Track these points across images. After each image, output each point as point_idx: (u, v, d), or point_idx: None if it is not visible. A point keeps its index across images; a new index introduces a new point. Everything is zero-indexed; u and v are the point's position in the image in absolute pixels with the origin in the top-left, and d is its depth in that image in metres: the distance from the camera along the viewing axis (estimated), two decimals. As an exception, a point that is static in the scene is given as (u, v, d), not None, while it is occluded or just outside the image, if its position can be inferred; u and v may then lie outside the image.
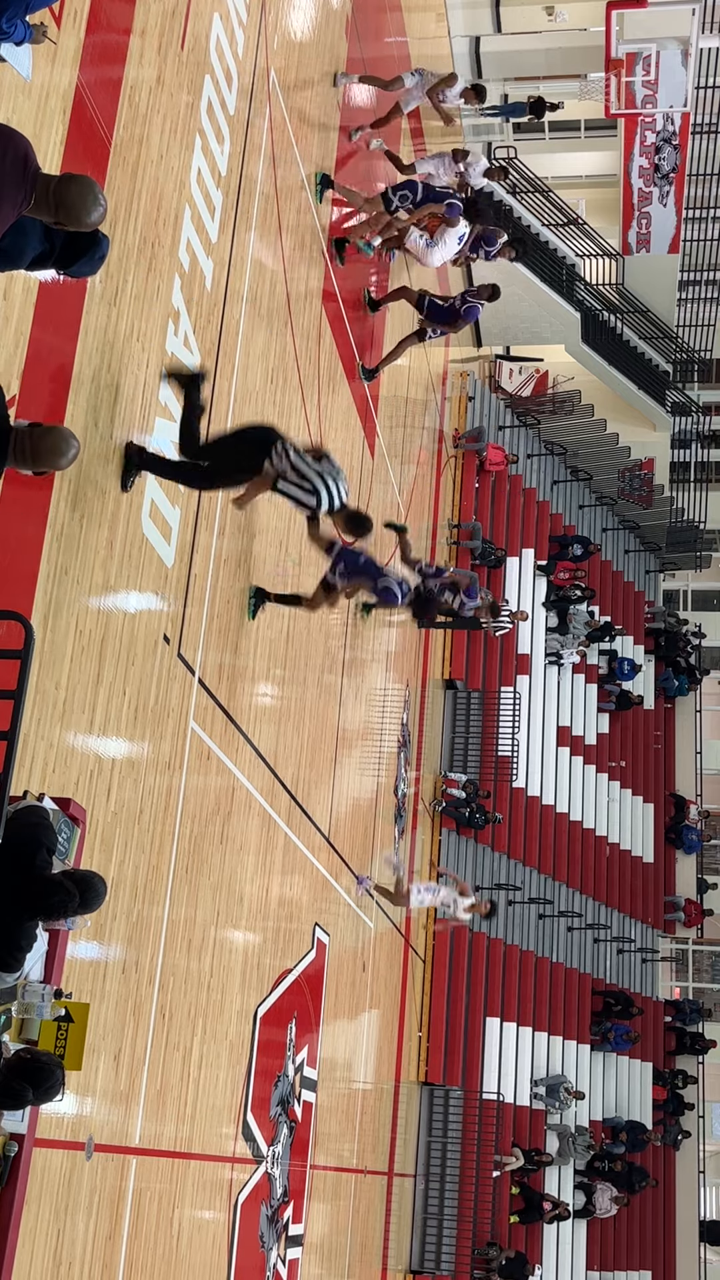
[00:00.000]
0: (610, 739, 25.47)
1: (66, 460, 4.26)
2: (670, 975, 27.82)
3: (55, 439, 4.18)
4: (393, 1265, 16.13)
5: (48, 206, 4.00)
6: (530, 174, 23.41)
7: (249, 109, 9.22)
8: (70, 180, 4.01)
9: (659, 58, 22.63)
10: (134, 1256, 7.01)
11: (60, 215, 4.01)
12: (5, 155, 3.88)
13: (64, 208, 3.98)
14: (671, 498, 27.70)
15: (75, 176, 4.04)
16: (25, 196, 3.94)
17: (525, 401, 25.05)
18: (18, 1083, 4.52)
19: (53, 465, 4.28)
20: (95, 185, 4.04)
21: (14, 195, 3.90)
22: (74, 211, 4.00)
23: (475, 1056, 19.22)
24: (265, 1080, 10.01)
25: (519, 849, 21.62)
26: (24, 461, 4.20)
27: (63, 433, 4.20)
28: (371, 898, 13.75)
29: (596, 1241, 21.62)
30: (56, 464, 4.27)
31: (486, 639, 20.98)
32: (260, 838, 9.71)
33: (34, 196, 3.96)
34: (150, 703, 7.16)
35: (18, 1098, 4.52)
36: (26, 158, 3.95)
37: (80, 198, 3.98)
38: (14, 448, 4.16)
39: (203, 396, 7.32)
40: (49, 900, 4.59)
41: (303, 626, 11.11)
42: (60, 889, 4.64)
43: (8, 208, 3.89)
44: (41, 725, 5.80)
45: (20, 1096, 4.52)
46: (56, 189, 3.98)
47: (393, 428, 16.05)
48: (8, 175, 3.87)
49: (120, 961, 6.84)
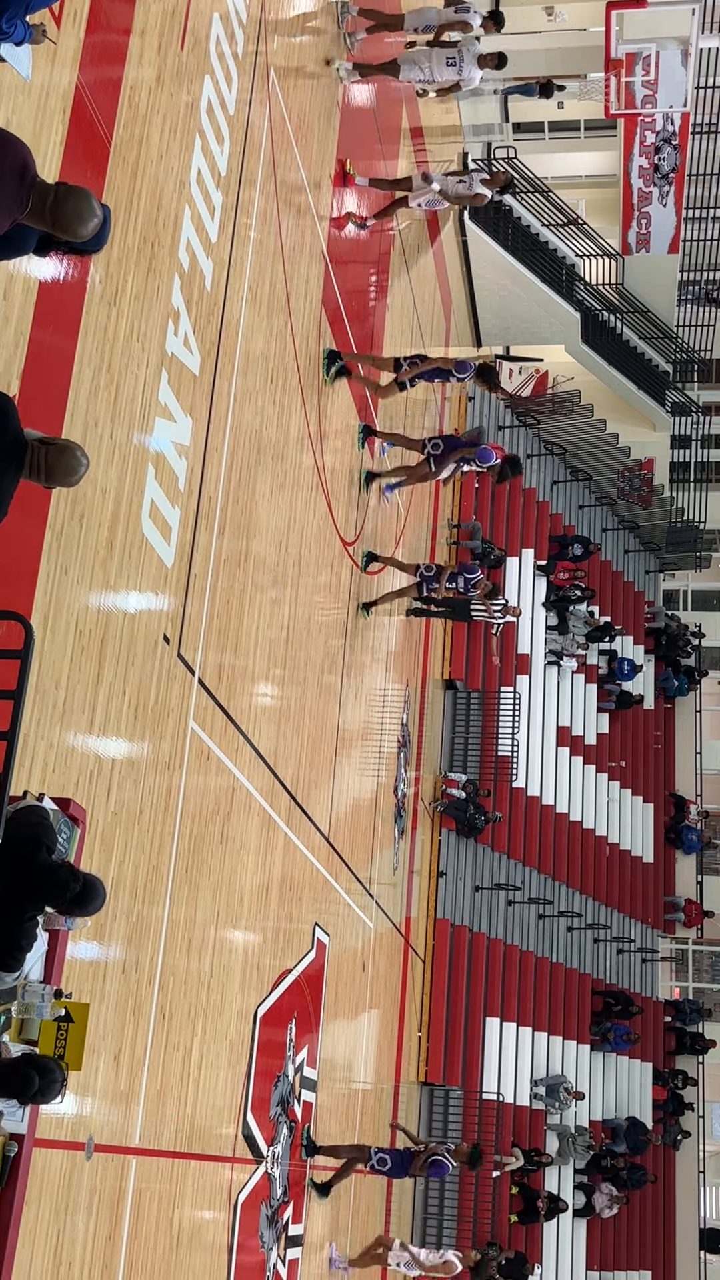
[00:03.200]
0: (610, 739, 25.48)
1: (78, 478, 4.30)
2: (670, 975, 27.83)
3: (69, 460, 4.21)
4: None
5: (43, 217, 4.00)
6: (530, 174, 23.41)
7: (249, 109, 9.22)
8: (67, 195, 4.02)
9: (659, 58, 22.63)
10: (134, 1257, 7.01)
11: (56, 228, 4.03)
12: (4, 163, 3.87)
13: (59, 222, 4.03)
14: (671, 498, 27.71)
15: (72, 190, 4.03)
16: (22, 205, 3.94)
17: (525, 401, 25.05)
18: (26, 1070, 4.53)
19: (65, 484, 4.32)
20: (92, 199, 4.04)
21: (11, 206, 3.90)
22: (70, 225, 4.02)
23: (475, 1056, 19.22)
24: (265, 1080, 10.01)
25: (519, 849, 21.63)
26: (38, 476, 4.22)
27: (75, 454, 4.23)
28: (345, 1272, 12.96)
29: (596, 1241, 21.63)
30: (68, 482, 4.32)
31: (486, 639, 20.98)
32: (260, 838, 9.71)
33: (30, 205, 3.96)
34: (150, 703, 7.16)
35: (26, 1083, 4.52)
36: (25, 166, 3.95)
37: (76, 214, 4.02)
38: (29, 463, 4.17)
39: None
40: (51, 883, 4.60)
41: (303, 626, 11.11)
42: (62, 870, 4.66)
43: (3, 217, 3.89)
44: (41, 725, 5.80)
45: (28, 1083, 4.52)
46: (53, 205, 3.99)
47: (393, 428, 16.04)
48: (6, 184, 3.87)
49: (120, 961, 6.84)
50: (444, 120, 20.93)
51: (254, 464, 9.41)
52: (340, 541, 12.66)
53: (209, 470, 8.27)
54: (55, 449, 4.18)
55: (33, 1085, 4.54)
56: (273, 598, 10.01)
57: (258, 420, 9.50)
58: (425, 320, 18.88)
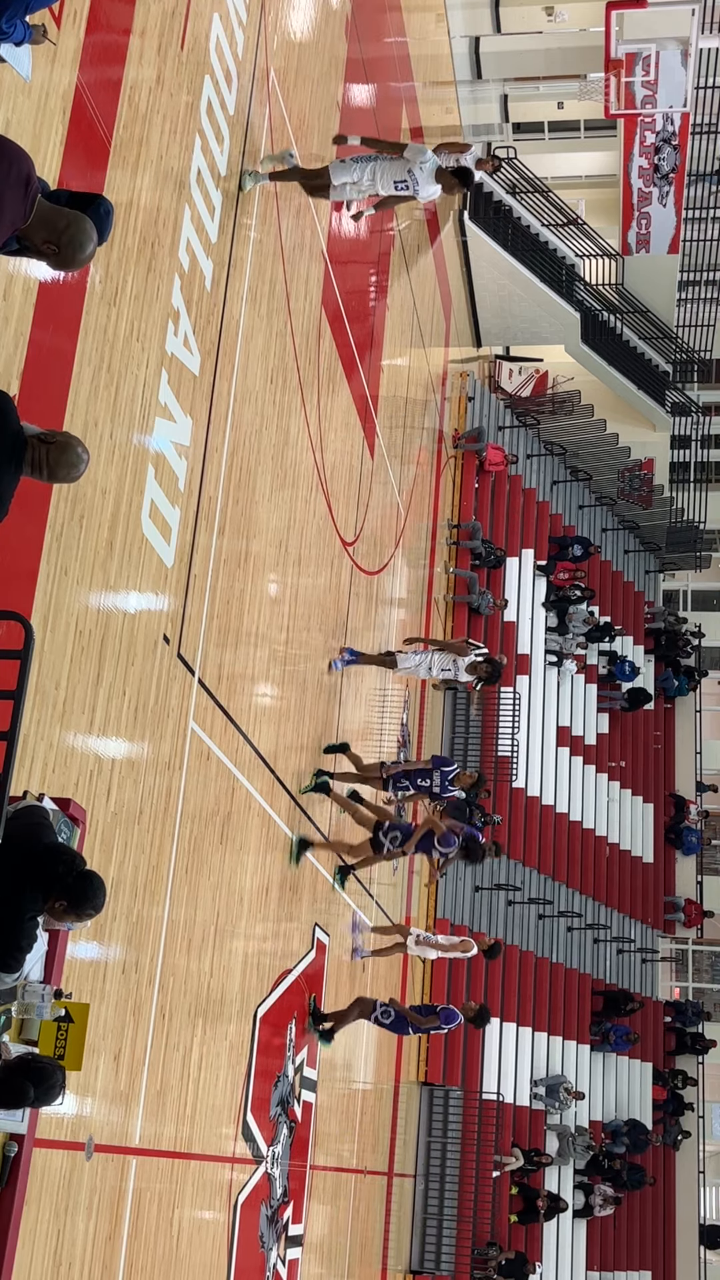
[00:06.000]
0: (610, 739, 25.47)
1: (78, 474, 4.30)
2: (670, 975, 27.82)
3: (70, 456, 4.21)
4: (392, 1265, 16.13)
5: (44, 229, 3.99)
6: (530, 174, 23.42)
7: (249, 109, 9.22)
8: (73, 222, 4.02)
9: (659, 58, 22.63)
10: (134, 1257, 7.01)
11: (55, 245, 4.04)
12: (9, 173, 3.87)
13: (55, 474, 4.20)
14: (671, 498, 27.71)
15: (78, 217, 4.03)
16: (25, 216, 3.94)
17: (525, 402, 25.05)
18: (19, 1080, 4.52)
19: (66, 480, 4.32)
20: (92, 230, 4.05)
21: (14, 216, 3.89)
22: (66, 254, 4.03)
23: (475, 1056, 19.22)
24: (265, 1080, 10.01)
25: (519, 849, 21.62)
26: (39, 474, 4.22)
27: (75, 450, 4.22)
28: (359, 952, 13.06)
29: (596, 1242, 21.62)
30: (69, 478, 4.31)
31: (487, 640, 20.97)
32: (260, 838, 9.71)
33: (32, 218, 3.96)
34: (150, 703, 7.16)
35: (19, 1094, 4.52)
36: (29, 178, 3.94)
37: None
38: (29, 460, 4.17)
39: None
40: (57, 858, 4.61)
41: (303, 626, 11.12)
42: (65, 850, 4.68)
43: (6, 227, 3.89)
44: (41, 725, 5.80)
45: (22, 1093, 4.52)
46: (64, 230, 4.00)
47: (392, 428, 16.05)
48: (10, 194, 3.86)
49: (120, 961, 6.84)
50: (444, 120, 20.95)
51: (254, 464, 9.41)
52: (340, 541, 12.67)
53: (209, 470, 8.27)
54: (56, 446, 4.18)
55: (27, 1098, 4.54)
56: (273, 597, 10.01)
57: (258, 420, 9.50)
58: (425, 320, 18.89)
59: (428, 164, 9.32)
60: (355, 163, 9.44)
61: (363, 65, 13.44)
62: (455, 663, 13.38)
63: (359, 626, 13.71)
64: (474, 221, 21.94)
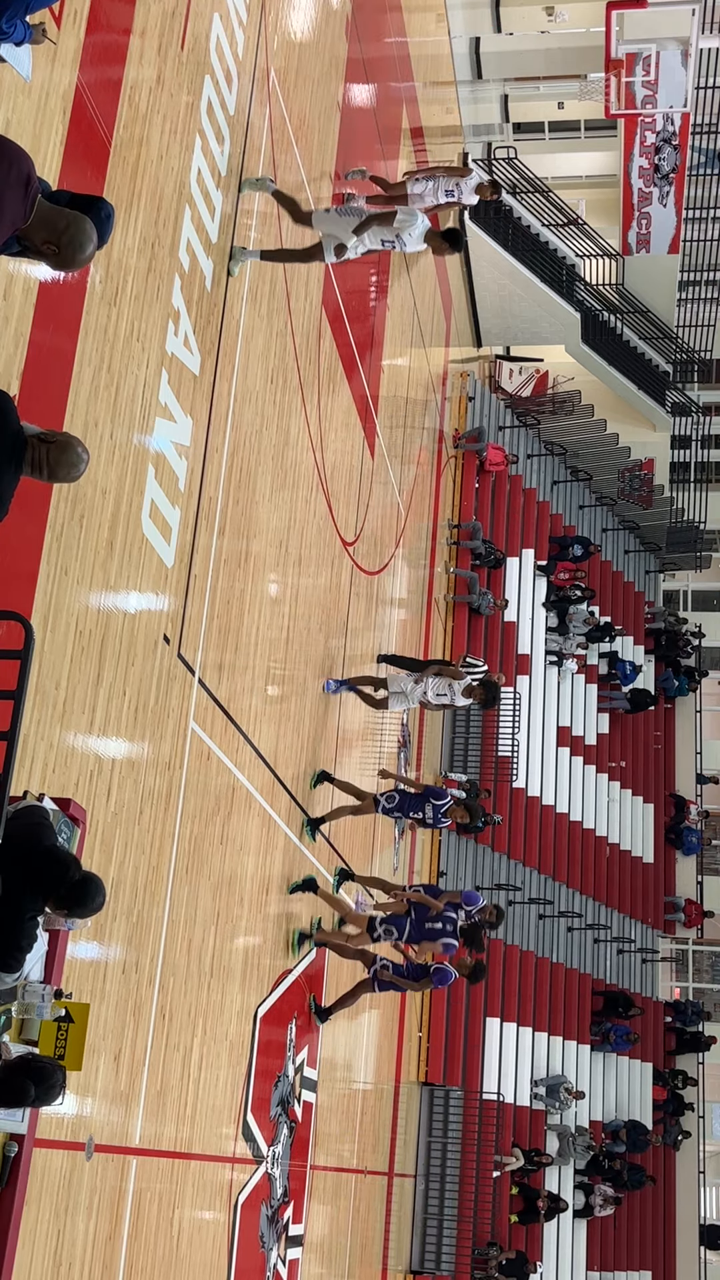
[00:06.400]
0: (610, 739, 25.47)
1: (78, 474, 4.30)
2: (670, 975, 27.83)
3: (70, 456, 4.22)
4: (393, 1265, 16.13)
5: (44, 229, 3.99)
6: (530, 174, 23.42)
7: (249, 109, 9.22)
8: (73, 223, 4.02)
9: (659, 58, 22.62)
10: (134, 1257, 7.01)
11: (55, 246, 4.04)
12: (10, 174, 3.87)
13: (55, 474, 4.21)
14: (671, 498, 27.71)
15: (78, 218, 4.03)
16: (25, 216, 3.94)
17: (525, 402, 25.05)
18: (19, 1080, 4.52)
19: (66, 480, 4.32)
20: (92, 231, 4.05)
21: (15, 216, 3.90)
22: (66, 254, 4.02)
23: (475, 1056, 19.22)
24: (265, 1080, 10.01)
25: (519, 849, 21.62)
26: (39, 474, 4.22)
27: (75, 449, 4.23)
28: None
29: (596, 1242, 21.63)
30: (70, 478, 4.32)
31: (487, 640, 20.98)
32: (260, 838, 9.71)
33: (32, 218, 3.96)
34: (150, 703, 7.16)
35: (20, 1094, 4.52)
36: (29, 179, 3.95)
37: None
38: (30, 460, 4.17)
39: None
40: (54, 862, 4.61)
41: (303, 626, 11.12)
42: (64, 853, 4.68)
43: (7, 228, 3.89)
44: (41, 725, 5.80)
45: (22, 1093, 4.52)
46: (64, 231, 4.00)
47: (393, 428, 16.05)
48: (10, 194, 3.86)
49: (120, 961, 6.84)
50: (444, 120, 20.95)
51: (254, 464, 9.41)
52: (340, 541, 12.67)
53: (209, 470, 8.27)
54: (56, 445, 4.18)
55: (27, 1098, 4.54)
56: (273, 597, 10.01)
57: (258, 420, 9.50)
58: (425, 320, 18.89)
59: (416, 230, 9.41)
60: (344, 225, 9.48)
61: (363, 65, 13.43)
62: (451, 687, 13.14)
63: (359, 627, 13.71)
64: (474, 221, 21.94)
